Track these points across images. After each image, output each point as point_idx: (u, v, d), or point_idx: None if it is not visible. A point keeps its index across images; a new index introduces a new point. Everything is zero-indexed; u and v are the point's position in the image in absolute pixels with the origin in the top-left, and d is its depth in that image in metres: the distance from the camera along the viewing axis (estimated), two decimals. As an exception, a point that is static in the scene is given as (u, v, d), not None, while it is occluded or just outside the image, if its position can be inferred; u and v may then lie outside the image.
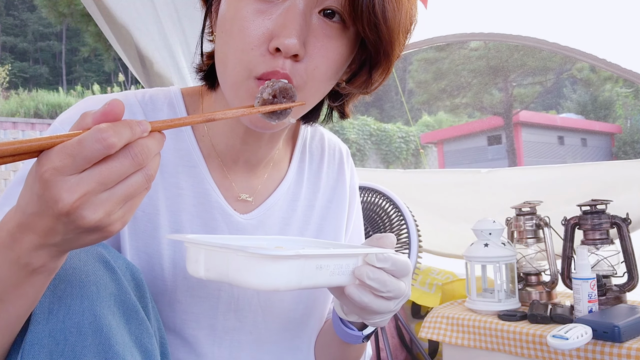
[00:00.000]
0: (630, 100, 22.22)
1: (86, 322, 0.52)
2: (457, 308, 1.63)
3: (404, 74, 21.05)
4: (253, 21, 0.60)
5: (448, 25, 1.96)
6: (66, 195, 0.41)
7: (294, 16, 0.59)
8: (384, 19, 0.60)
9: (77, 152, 0.41)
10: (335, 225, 0.86)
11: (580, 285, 1.34)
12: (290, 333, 0.81)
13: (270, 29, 0.60)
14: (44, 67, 25.74)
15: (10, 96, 15.58)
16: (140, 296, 0.60)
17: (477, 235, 1.58)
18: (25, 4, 25.39)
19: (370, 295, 0.61)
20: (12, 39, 25.49)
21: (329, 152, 0.88)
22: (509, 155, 19.26)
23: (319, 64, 0.62)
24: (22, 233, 0.45)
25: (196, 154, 0.75)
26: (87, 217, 0.42)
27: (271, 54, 0.60)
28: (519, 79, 19.71)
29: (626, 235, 1.46)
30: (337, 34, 0.62)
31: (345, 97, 0.76)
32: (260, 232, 0.78)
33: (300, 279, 0.53)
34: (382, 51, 0.63)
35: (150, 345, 0.58)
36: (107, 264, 0.57)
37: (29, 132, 9.20)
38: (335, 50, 0.63)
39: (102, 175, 0.42)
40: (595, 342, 1.23)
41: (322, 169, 0.87)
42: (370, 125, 18.28)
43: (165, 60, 2.13)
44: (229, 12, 0.62)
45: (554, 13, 1.74)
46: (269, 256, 0.51)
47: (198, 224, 0.73)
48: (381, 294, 0.61)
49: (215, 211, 0.74)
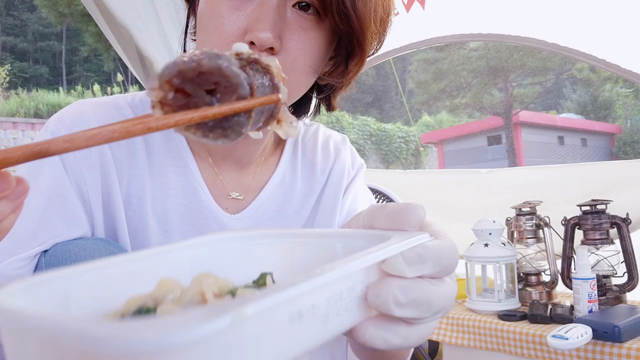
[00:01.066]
0: (630, 101, 22.23)
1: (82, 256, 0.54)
2: (457, 308, 1.63)
3: (404, 74, 21.07)
4: (228, 17, 0.61)
5: (447, 25, 1.96)
6: None
7: (267, 10, 0.59)
8: (354, 9, 0.60)
9: None
10: (331, 207, 0.82)
11: (580, 285, 1.34)
12: None
13: (245, 24, 0.60)
14: (44, 67, 25.74)
15: (10, 96, 15.59)
16: None
17: (477, 235, 1.58)
18: (25, 4, 25.40)
19: (405, 326, 0.35)
20: (12, 39, 25.50)
21: (323, 140, 0.87)
22: (508, 156, 19.27)
23: (297, 56, 0.62)
24: None
25: (186, 153, 0.74)
26: None
27: None
28: (519, 79, 19.73)
29: (626, 235, 1.46)
30: (313, 25, 0.63)
31: (329, 89, 0.76)
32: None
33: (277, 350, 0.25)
34: (355, 41, 0.63)
35: None
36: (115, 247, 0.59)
37: (29, 132, 9.20)
38: (312, 42, 0.63)
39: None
40: (595, 342, 1.23)
41: (315, 159, 0.85)
42: (370, 125, 18.30)
43: (165, 60, 2.13)
44: (206, 9, 0.63)
45: (553, 13, 1.74)
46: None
47: (188, 224, 0.73)
48: (424, 319, 0.35)
49: (206, 211, 0.74)
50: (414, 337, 0.35)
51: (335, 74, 0.70)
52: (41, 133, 0.68)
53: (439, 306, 0.35)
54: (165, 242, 0.70)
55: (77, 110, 0.69)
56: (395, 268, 0.33)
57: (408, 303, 0.33)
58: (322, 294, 0.28)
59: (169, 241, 0.70)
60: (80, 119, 0.67)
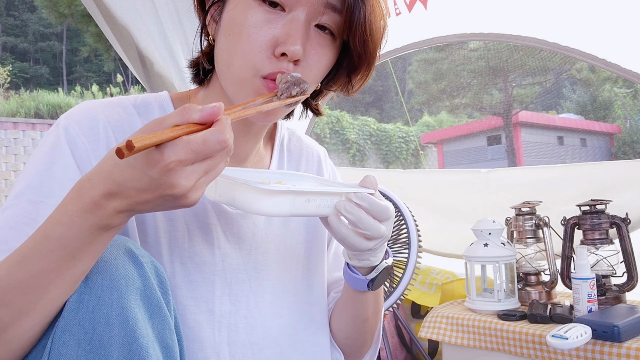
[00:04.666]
0: (629, 101, 22.24)
1: (114, 313, 0.56)
2: (456, 308, 1.64)
3: (404, 75, 21.08)
4: (261, 28, 0.70)
5: (449, 25, 1.97)
6: (184, 182, 0.52)
7: (297, 26, 0.70)
8: (371, 36, 0.73)
9: (201, 150, 0.51)
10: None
11: (580, 285, 1.34)
12: (283, 319, 0.84)
13: (276, 36, 0.70)
14: (44, 67, 25.74)
15: (11, 96, 15.58)
16: (164, 293, 0.62)
17: (476, 235, 1.58)
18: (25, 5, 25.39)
19: (348, 228, 0.70)
20: (13, 39, 25.50)
21: (307, 151, 0.97)
22: (508, 156, 19.26)
23: (313, 67, 0.74)
24: (109, 200, 0.53)
25: None
26: (191, 198, 0.53)
27: (276, 57, 0.70)
28: (519, 79, 19.72)
29: (626, 235, 1.46)
30: (328, 44, 0.74)
31: (319, 95, 0.87)
32: (249, 223, 0.83)
33: (291, 209, 0.66)
34: (364, 61, 0.77)
35: (171, 341, 0.61)
36: (135, 259, 0.60)
37: (30, 132, 9.20)
38: (326, 57, 0.75)
39: (208, 166, 0.53)
40: (594, 341, 1.23)
41: (300, 166, 0.95)
42: (370, 125, 18.28)
43: (166, 60, 2.13)
44: (238, 17, 0.72)
45: (553, 13, 1.74)
46: (266, 190, 0.63)
47: (190, 213, 0.78)
48: (358, 229, 0.70)
49: (206, 201, 0.79)
50: (352, 237, 0.71)
51: (338, 85, 0.83)
52: (52, 129, 0.72)
53: (365, 226, 0.69)
54: (170, 230, 0.76)
55: (86, 108, 0.75)
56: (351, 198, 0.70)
57: (350, 212, 0.69)
58: (319, 196, 0.69)
59: (173, 230, 0.76)
60: (90, 115, 0.73)
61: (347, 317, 0.89)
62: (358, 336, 0.91)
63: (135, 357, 0.55)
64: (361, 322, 0.89)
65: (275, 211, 0.65)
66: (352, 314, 0.88)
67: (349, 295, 0.87)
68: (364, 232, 0.70)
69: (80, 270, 0.56)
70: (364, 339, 0.93)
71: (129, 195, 0.53)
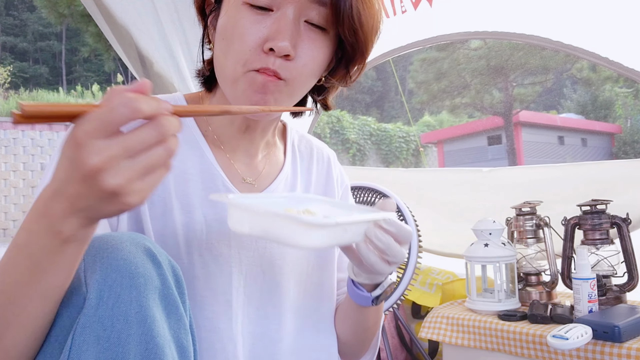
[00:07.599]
0: (630, 100, 22.23)
1: (133, 311, 0.56)
2: (457, 308, 1.63)
3: (405, 74, 21.07)
4: (250, 28, 0.72)
5: (454, 23, 1.96)
6: (93, 157, 0.45)
7: (285, 23, 0.71)
8: (360, 25, 0.74)
9: (106, 117, 0.46)
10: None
11: (580, 285, 1.34)
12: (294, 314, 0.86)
13: (266, 34, 0.72)
14: (44, 67, 25.74)
15: (10, 96, 15.58)
16: (180, 292, 0.63)
17: (477, 235, 1.58)
18: (25, 4, 25.39)
19: (376, 256, 0.69)
20: (12, 39, 25.50)
21: (317, 152, 0.99)
22: (509, 155, 19.26)
23: (307, 62, 0.75)
24: (54, 200, 0.49)
25: (202, 143, 0.83)
26: (107, 181, 0.46)
27: (265, 53, 0.72)
28: (519, 78, 19.71)
29: (626, 235, 1.46)
30: (320, 38, 0.76)
31: (326, 90, 0.88)
32: None
33: (331, 241, 0.65)
34: (358, 51, 0.77)
35: (186, 342, 0.61)
36: (153, 258, 0.60)
37: (29, 132, 9.20)
38: (320, 51, 0.76)
39: (126, 142, 0.46)
40: (595, 342, 1.23)
41: (312, 167, 0.96)
42: (370, 125, 18.28)
43: (165, 60, 2.13)
44: (230, 22, 0.74)
45: (557, 12, 1.74)
46: (306, 224, 0.61)
47: (208, 205, 0.80)
48: (385, 257, 0.69)
49: (223, 192, 0.81)
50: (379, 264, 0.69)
51: (337, 76, 0.83)
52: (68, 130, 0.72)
53: (393, 253, 0.69)
54: (188, 222, 0.78)
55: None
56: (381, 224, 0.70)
57: (381, 241, 0.68)
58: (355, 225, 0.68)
59: (191, 222, 0.78)
60: None
61: (348, 326, 0.91)
62: (357, 342, 0.93)
63: (152, 356, 0.55)
64: (362, 330, 0.90)
65: (315, 245, 0.61)
66: (353, 323, 0.90)
67: (352, 307, 0.87)
68: (389, 259, 0.70)
69: (51, 285, 0.53)
70: (363, 345, 0.94)
71: (64, 190, 0.48)
